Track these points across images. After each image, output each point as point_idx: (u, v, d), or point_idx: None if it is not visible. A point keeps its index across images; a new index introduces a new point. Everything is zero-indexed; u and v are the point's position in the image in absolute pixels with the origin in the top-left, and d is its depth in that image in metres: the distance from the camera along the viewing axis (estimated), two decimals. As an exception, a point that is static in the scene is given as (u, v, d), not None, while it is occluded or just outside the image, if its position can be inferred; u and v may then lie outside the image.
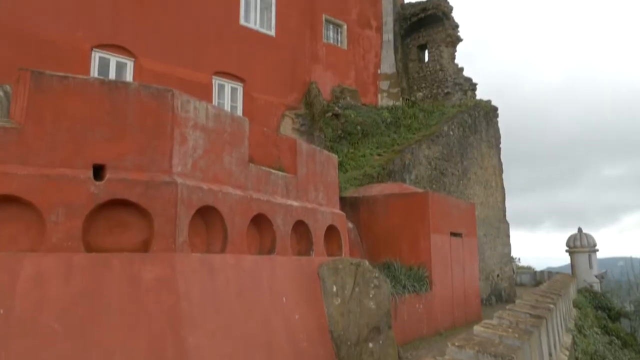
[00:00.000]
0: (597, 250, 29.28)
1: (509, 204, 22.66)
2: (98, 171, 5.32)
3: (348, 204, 12.73)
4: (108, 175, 5.31)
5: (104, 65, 13.83)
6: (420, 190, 14.22)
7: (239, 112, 16.97)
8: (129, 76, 14.25)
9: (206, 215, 6.12)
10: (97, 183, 5.23)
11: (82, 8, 13.46)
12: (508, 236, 22.16)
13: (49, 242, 4.95)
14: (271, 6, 18.59)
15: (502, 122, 22.90)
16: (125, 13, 14.32)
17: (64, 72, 5.56)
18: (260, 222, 7.06)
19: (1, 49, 11.84)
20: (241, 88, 17.23)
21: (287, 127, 18.18)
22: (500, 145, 22.76)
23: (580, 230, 29.61)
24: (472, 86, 22.69)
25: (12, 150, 5.00)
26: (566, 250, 29.76)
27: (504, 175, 22.67)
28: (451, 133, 19.21)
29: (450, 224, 13.41)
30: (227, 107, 16.72)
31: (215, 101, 16.35)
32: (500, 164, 22.54)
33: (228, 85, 16.91)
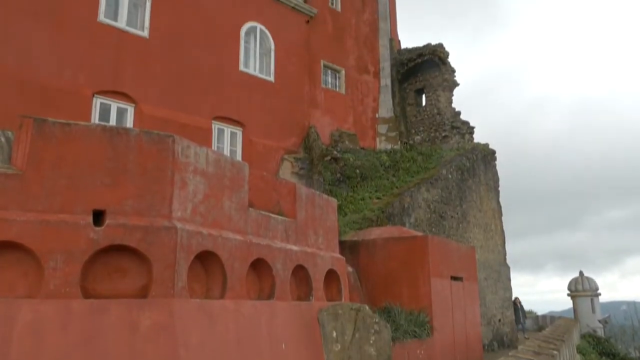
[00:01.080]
0: (600, 294, 28.98)
1: (510, 247, 22.58)
2: (98, 216, 5.33)
3: (347, 248, 12.66)
4: (108, 220, 5.31)
5: (105, 110, 14.02)
6: (419, 233, 14.17)
7: (238, 156, 17.10)
8: (129, 121, 14.42)
9: (205, 260, 6.09)
10: (97, 229, 5.23)
11: (85, 56, 13.74)
12: (509, 280, 21.96)
13: (46, 289, 4.91)
14: (270, 52, 18.98)
15: (506, 165, 23.12)
16: (126, 60, 14.62)
17: (66, 118, 5.65)
18: (259, 266, 7.02)
19: (6, 96, 12.04)
20: (240, 132, 17.41)
21: (287, 171, 18.28)
22: (499, 188, 22.84)
23: (581, 273, 29.37)
24: (470, 129, 22.94)
25: (13, 196, 5.02)
26: (568, 294, 29.45)
27: (503, 218, 22.66)
28: (450, 176, 19.30)
29: (450, 267, 13.31)
30: (227, 151, 16.85)
31: (214, 145, 16.50)
32: (500, 207, 22.57)
33: (227, 129, 17.09)
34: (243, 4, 18.33)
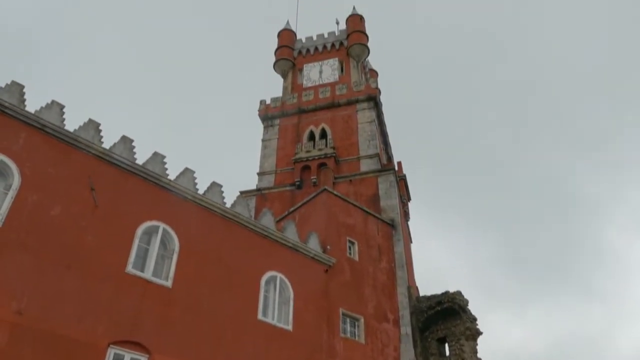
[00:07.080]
0: None
1: None
2: None
3: None
4: None
5: (118, 361, 13.74)
6: None
7: (251, 411, 16.05)
8: (141, 373, 14.00)
9: None
10: None
11: (107, 305, 14.01)
12: None
13: None
14: (289, 301, 19.16)
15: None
16: (147, 310, 14.83)
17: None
18: None
19: (20, 346, 12.06)
20: (255, 384, 16.62)
21: None
22: None
23: None
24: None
25: None
26: None
27: None
28: None
29: None
30: (239, 405, 15.89)
31: (227, 399, 15.63)
32: None
33: (242, 381, 16.37)
34: (264, 255, 19.18)
